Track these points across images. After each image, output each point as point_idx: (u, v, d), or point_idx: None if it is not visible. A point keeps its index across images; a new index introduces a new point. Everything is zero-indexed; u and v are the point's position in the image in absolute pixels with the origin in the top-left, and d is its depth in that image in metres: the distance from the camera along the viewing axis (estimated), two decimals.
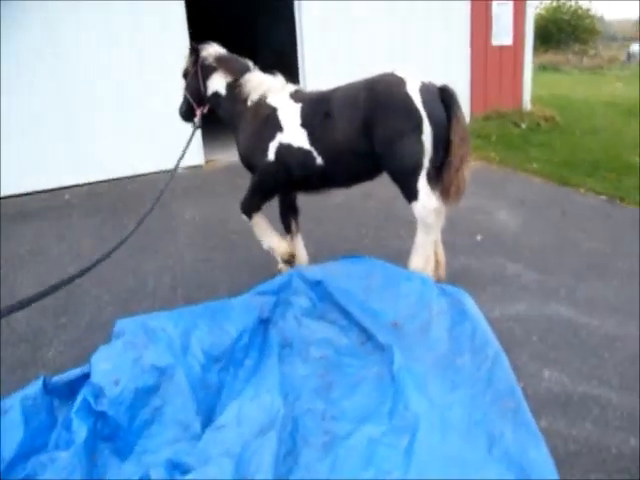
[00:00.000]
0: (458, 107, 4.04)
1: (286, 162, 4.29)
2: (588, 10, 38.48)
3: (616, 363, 3.54)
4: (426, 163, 4.04)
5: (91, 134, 9.25)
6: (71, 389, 3.01)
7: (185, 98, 4.88)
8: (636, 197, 6.82)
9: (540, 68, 30.40)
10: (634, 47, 34.55)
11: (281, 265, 4.86)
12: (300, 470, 2.72)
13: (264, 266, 5.18)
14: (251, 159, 4.50)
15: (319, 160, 4.16)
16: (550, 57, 34.38)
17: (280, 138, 4.26)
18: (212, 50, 4.62)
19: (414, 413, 2.87)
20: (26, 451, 2.61)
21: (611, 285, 4.63)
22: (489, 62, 12.38)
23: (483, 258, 5.26)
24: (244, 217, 4.71)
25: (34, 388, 2.88)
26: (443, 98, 4.02)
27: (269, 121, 4.31)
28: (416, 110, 3.91)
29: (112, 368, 2.94)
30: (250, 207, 4.62)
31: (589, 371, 3.47)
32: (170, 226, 6.78)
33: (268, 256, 5.38)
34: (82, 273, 3.27)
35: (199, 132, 9.80)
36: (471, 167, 4.19)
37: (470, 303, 3.64)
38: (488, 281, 4.76)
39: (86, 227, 6.99)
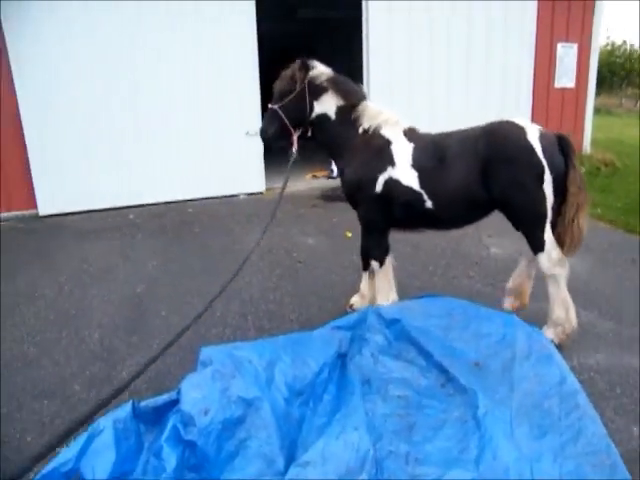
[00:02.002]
0: (575, 156, 4.02)
1: (392, 197, 4.21)
2: None
3: None
4: (549, 213, 4.00)
5: (155, 157, 9.47)
6: (158, 415, 3.00)
7: (276, 118, 4.41)
8: None
9: (594, 111, 30.06)
10: None
11: (354, 299, 4.83)
12: None
13: (332, 298, 5.18)
14: (359, 188, 4.32)
15: (429, 204, 4.11)
16: (603, 100, 34.02)
17: (390, 172, 4.17)
18: (322, 69, 4.41)
19: (503, 464, 2.77)
20: (117, 475, 2.61)
21: None
22: (550, 104, 12.29)
23: None
24: (375, 264, 4.51)
25: (124, 411, 2.88)
26: (561, 146, 3.98)
27: (382, 153, 4.21)
28: (538, 160, 3.87)
29: (202, 397, 2.92)
30: (381, 250, 4.50)
31: None
32: (234, 250, 6.83)
33: (336, 288, 5.38)
34: (194, 322, 3.22)
35: (261, 159, 10.09)
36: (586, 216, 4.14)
37: (555, 350, 3.54)
38: None
39: (151, 248, 7.11)
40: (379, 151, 4.22)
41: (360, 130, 4.31)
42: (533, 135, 3.93)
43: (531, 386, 3.33)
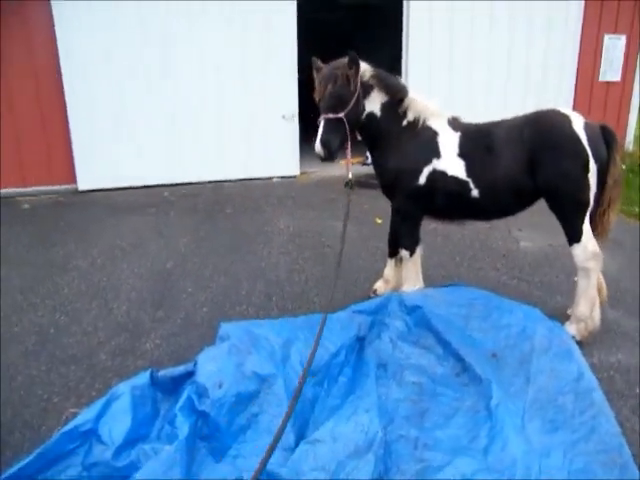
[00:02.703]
0: (618, 148, 4.00)
1: (436, 188, 4.19)
2: None
3: None
4: (591, 203, 4.01)
5: (192, 137, 9.62)
6: (174, 385, 3.11)
7: (340, 128, 4.03)
8: None
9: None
10: None
11: (378, 284, 4.86)
12: None
13: (358, 283, 5.23)
14: (400, 179, 4.27)
15: (475, 192, 4.10)
16: None
17: (435, 164, 4.15)
18: (365, 65, 4.16)
19: (511, 456, 2.80)
20: (132, 438, 2.72)
21: None
22: (593, 98, 11.97)
23: None
24: (405, 253, 4.48)
25: (142, 379, 3.00)
26: (605, 137, 3.98)
27: (428, 145, 4.18)
28: (583, 149, 3.88)
29: (217, 370, 3.01)
30: (413, 240, 4.48)
31: None
32: (264, 232, 6.92)
33: (362, 273, 5.42)
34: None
35: (296, 143, 10.15)
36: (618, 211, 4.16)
37: (575, 346, 3.53)
38: None
39: (183, 225, 7.25)
40: (426, 143, 4.19)
41: (404, 123, 4.23)
42: (578, 124, 3.93)
43: (547, 380, 3.34)
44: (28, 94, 8.70)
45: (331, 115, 3.97)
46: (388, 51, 12.23)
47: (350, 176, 4.20)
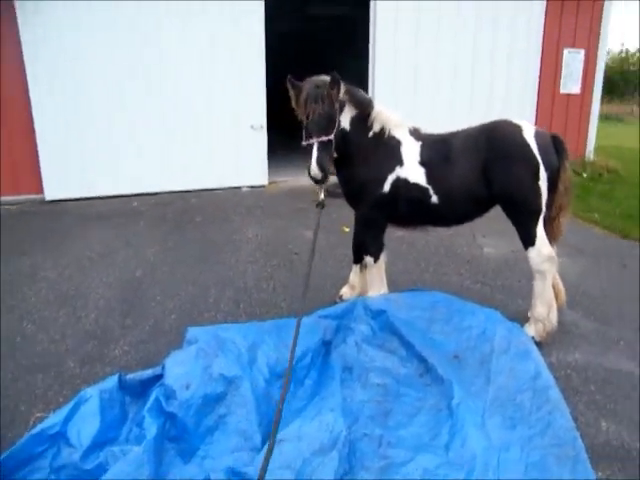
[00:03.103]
0: (567, 156, 4.24)
1: (399, 195, 4.31)
2: None
3: None
4: (544, 208, 4.21)
5: (161, 147, 9.64)
6: (143, 388, 3.17)
7: (328, 149, 4.01)
8: None
9: (603, 118, 30.00)
10: None
11: (344, 290, 4.96)
12: None
13: (325, 289, 5.31)
14: (365, 188, 4.37)
15: (434, 199, 4.25)
16: (614, 107, 34.04)
17: (399, 172, 4.28)
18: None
19: (471, 451, 2.91)
20: (100, 441, 2.77)
21: None
22: (555, 109, 12.34)
23: None
24: (370, 259, 4.58)
25: (110, 383, 3.05)
26: (555, 146, 4.20)
27: (392, 153, 4.31)
28: (534, 156, 4.09)
29: (184, 373, 3.08)
30: (377, 247, 4.58)
31: None
32: (233, 241, 6.98)
33: (328, 280, 5.52)
34: None
35: (265, 153, 10.26)
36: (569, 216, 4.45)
37: (533, 346, 3.67)
38: None
39: (152, 235, 7.26)
40: (390, 152, 4.31)
41: (370, 134, 4.33)
42: (529, 133, 4.14)
43: (506, 380, 3.47)
44: None
45: (324, 137, 3.94)
46: (355, 61, 12.47)
47: (322, 197, 4.09)
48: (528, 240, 4.29)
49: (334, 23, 15.51)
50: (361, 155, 4.34)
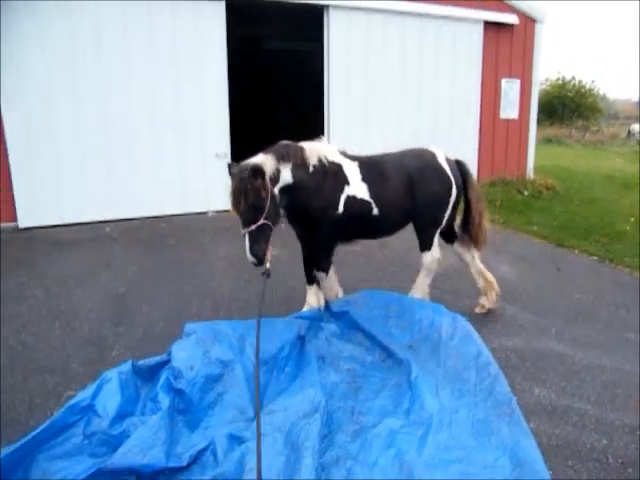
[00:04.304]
0: (471, 175, 5.35)
1: (350, 212, 4.68)
2: (591, 90, 40.25)
3: (595, 385, 4.25)
4: (444, 222, 5.18)
5: (130, 174, 10.16)
6: (151, 373, 3.72)
7: (264, 233, 4.19)
8: (624, 259, 7.60)
9: (545, 140, 31.76)
10: (634, 127, 36.16)
11: (310, 298, 5.47)
12: (335, 449, 3.37)
13: (295, 299, 5.88)
14: (326, 214, 4.62)
15: (375, 211, 4.79)
16: (554, 130, 35.98)
17: (347, 191, 4.67)
18: (263, 158, 4.28)
19: (428, 412, 3.56)
20: (122, 413, 3.31)
21: (594, 328, 5.36)
22: (496, 133, 13.43)
23: None
24: (322, 274, 4.97)
25: (126, 367, 3.62)
26: (460, 168, 5.23)
27: (338, 176, 4.65)
28: (448, 177, 5.05)
29: (188, 356, 3.66)
30: (328, 263, 5.00)
31: (572, 390, 4.17)
32: (206, 260, 7.54)
33: (296, 290, 6.12)
34: None
35: (228, 179, 10.74)
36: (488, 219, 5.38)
37: (474, 331, 4.35)
38: (489, 319, 5.47)
39: (129, 257, 7.75)
40: (336, 175, 4.64)
41: (311, 169, 4.53)
42: (442, 158, 5.16)
43: (454, 361, 4.16)
44: None
45: (253, 226, 4.09)
46: (311, 88, 13.33)
47: (268, 266, 4.28)
48: (427, 245, 5.21)
49: (291, 55, 16.36)
50: (311, 187, 4.52)
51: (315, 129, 10.24)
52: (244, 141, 10.89)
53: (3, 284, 6.57)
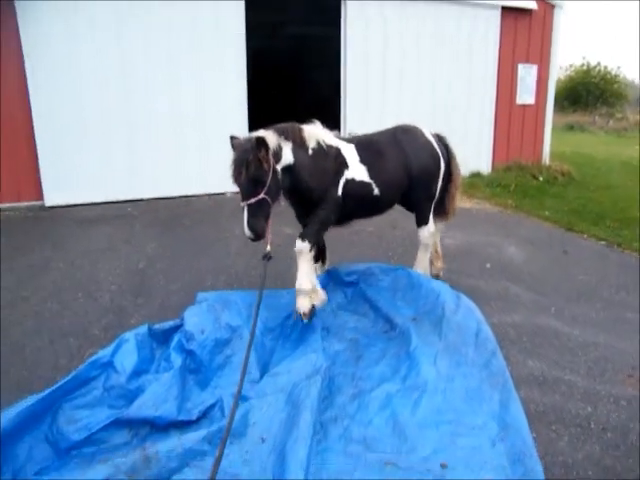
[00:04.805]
0: (452, 148, 5.60)
1: (350, 194, 4.71)
2: (617, 76, 39.71)
3: (587, 360, 4.44)
4: (437, 194, 5.42)
5: (150, 156, 10.49)
6: (165, 337, 4.02)
7: (263, 208, 4.06)
8: (633, 244, 7.71)
9: (567, 127, 31.53)
10: None
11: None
12: (334, 409, 3.62)
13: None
14: (325, 195, 4.59)
15: (376, 191, 4.87)
16: (578, 117, 35.55)
17: (347, 174, 4.69)
18: (265, 133, 4.20)
19: (424, 378, 3.80)
20: (138, 370, 3.61)
21: (594, 307, 5.53)
22: (512, 119, 13.51)
23: (490, 281, 6.17)
24: (306, 245, 4.46)
25: (143, 329, 3.91)
26: (441, 142, 5.46)
27: (337, 159, 4.65)
28: (437, 151, 5.27)
29: (199, 321, 3.95)
30: (317, 239, 4.78)
31: (564, 364, 4.37)
32: (222, 238, 7.82)
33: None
34: None
35: None
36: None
37: (476, 309, 4.56)
38: (492, 298, 5.67)
39: (148, 234, 8.07)
40: (334, 158, 4.63)
41: (310, 152, 4.50)
42: (428, 133, 5.39)
43: (455, 336, 4.36)
44: None
45: (252, 200, 3.97)
46: (328, 73, 13.50)
47: (268, 248, 4.21)
48: (424, 220, 5.44)
49: (309, 40, 16.51)
50: (310, 169, 4.47)
51: (332, 115, 10.48)
52: (262, 125, 11.12)
53: (31, 259, 6.92)
